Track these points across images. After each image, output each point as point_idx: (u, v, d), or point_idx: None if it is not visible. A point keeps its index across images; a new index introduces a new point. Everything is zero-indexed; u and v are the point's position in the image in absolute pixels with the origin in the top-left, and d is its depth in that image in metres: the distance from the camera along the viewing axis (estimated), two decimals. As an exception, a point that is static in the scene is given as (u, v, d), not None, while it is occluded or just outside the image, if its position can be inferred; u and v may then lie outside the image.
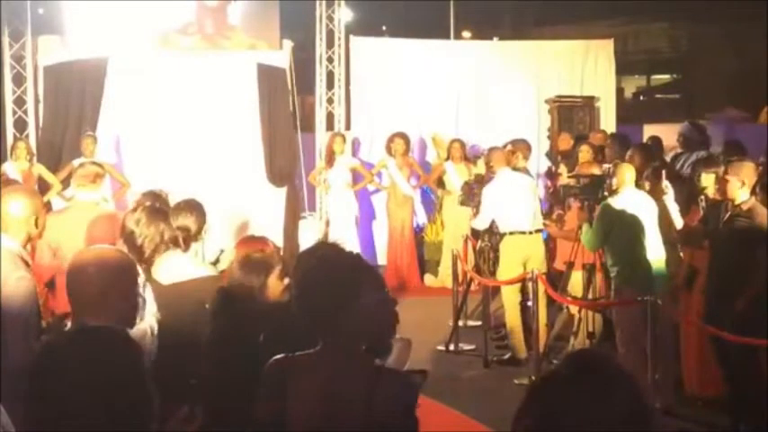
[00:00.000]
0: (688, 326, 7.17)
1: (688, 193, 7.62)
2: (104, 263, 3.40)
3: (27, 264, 4.25)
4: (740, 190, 6.35)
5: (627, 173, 7.36)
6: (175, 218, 5.00)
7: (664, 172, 7.68)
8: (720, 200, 6.68)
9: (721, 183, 6.51)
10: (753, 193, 6.42)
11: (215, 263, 5.55)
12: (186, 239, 4.96)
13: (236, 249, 4.31)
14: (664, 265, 7.25)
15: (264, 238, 4.41)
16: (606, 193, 7.42)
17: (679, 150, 10.43)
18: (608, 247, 7.32)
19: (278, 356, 2.96)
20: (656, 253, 7.20)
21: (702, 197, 7.15)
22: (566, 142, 11.81)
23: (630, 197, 7.28)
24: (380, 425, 2.80)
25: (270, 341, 3.34)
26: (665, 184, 7.50)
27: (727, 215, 6.46)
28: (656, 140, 11.04)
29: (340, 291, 2.85)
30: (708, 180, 6.96)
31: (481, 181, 9.24)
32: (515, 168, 9.30)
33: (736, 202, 6.38)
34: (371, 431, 2.80)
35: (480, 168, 10.47)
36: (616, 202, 7.22)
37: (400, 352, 3.12)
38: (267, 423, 2.91)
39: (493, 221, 8.92)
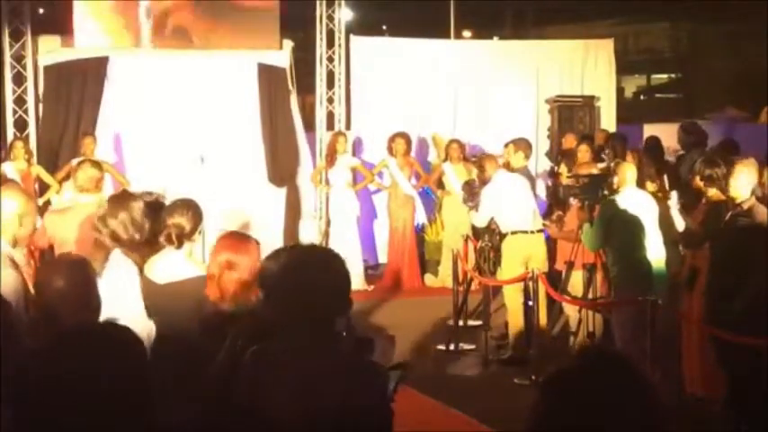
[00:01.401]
0: (689, 326, 7.16)
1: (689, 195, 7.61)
2: (66, 267, 3.85)
3: (15, 264, 4.22)
4: (743, 189, 6.35)
5: (628, 172, 7.36)
6: (170, 216, 4.96)
7: (665, 175, 7.68)
8: (721, 200, 6.68)
9: (723, 182, 6.51)
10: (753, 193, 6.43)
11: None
12: (180, 237, 4.92)
13: (217, 245, 4.31)
14: (664, 265, 7.25)
15: (247, 236, 4.42)
16: (606, 192, 7.41)
17: (682, 152, 10.43)
18: (608, 247, 7.32)
19: (254, 348, 3.00)
20: (656, 253, 7.19)
21: (680, 204, 7.16)
22: (570, 142, 11.78)
23: (631, 196, 7.27)
24: (355, 415, 2.82)
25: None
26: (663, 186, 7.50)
27: (728, 215, 6.46)
28: (655, 140, 11.03)
29: (310, 283, 2.93)
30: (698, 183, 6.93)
31: (484, 180, 9.22)
32: (516, 168, 9.29)
33: (737, 201, 6.38)
34: (346, 421, 2.82)
35: (482, 170, 10.44)
36: (617, 201, 7.21)
37: (384, 350, 3.13)
38: (245, 413, 2.94)
39: (493, 220, 8.91)
